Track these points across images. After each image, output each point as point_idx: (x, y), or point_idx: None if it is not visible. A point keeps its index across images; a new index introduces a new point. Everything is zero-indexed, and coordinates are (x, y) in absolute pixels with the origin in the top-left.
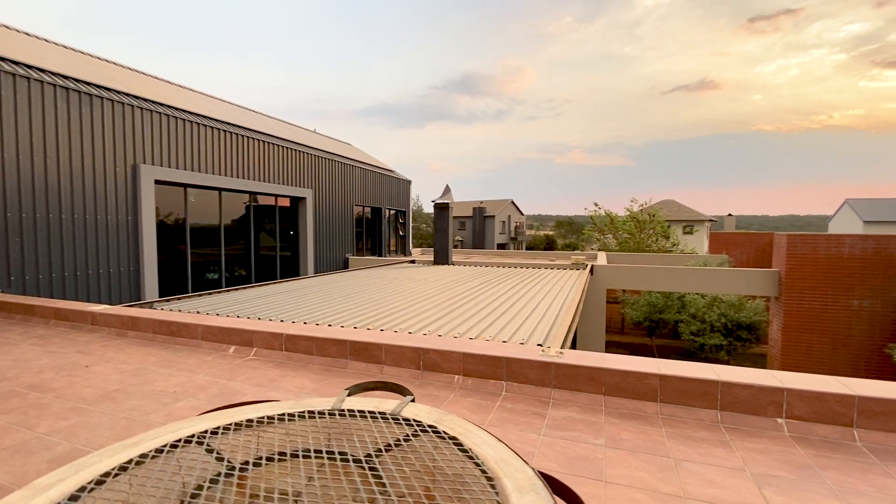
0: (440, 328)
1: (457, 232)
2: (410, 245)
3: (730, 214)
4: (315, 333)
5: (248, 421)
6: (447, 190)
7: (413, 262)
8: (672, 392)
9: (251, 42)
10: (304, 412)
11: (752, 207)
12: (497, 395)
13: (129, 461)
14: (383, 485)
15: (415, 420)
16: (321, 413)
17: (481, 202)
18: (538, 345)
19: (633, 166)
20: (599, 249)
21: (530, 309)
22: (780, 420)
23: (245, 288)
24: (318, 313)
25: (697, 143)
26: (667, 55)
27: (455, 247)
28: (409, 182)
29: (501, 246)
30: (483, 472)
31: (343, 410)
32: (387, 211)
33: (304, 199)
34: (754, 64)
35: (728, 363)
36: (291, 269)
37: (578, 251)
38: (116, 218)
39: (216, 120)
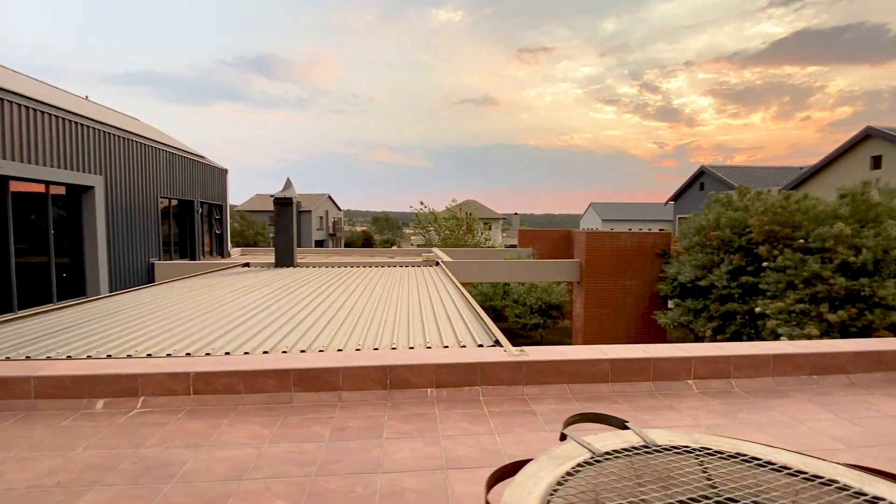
0: (362, 340)
1: (267, 228)
2: (229, 245)
3: (516, 213)
4: (238, 366)
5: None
6: (289, 184)
7: (247, 265)
8: (619, 372)
9: None
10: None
11: (526, 207)
12: (477, 401)
13: None
14: None
15: (694, 448)
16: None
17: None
18: (495, 345)
19: (432, 167)
20: (425, 244)
21: (439, 309)
22: (689, 381)
23: (13, 319)
24: (170, 342)
25: (483, 151)
26: (458, 69)
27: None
28: (226, 171)
29: (319, 243)
30: (841, 488)
31: (652, 448)
32: (200, 205)
33: (93, 188)
34: (522, 88)
35: (542, 337)
36: (74, 283)
37: (423, 247)
38: None
39: None
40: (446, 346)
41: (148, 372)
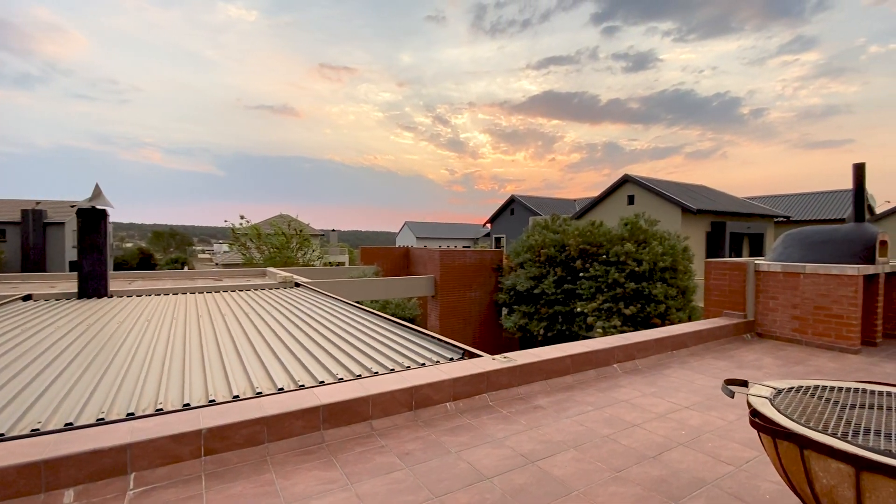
0: (340, 374)
1: None
2: None
3: (334, 230)
4: (260, 412)
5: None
6: (99, 191)
7: (29, 297)
8: (575, 365)
9: None
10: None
11: (341, 223)
12: (489, 406)
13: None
14: None
15: (804, 385)
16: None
17: (38, 202)
18: (469, 356)
19: (223, 176)
20: (245, 263)
21: (379, 330)
22: (615, 365)
23: None
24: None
25: (285, 162)
26: (253, 72)
27: None
28: None
29: (74, 265)
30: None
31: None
32: None
33: None
34: (325, 103)
35: None
36: None
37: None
38: None
39: None
40: (422, 364)
41: (140, 439)
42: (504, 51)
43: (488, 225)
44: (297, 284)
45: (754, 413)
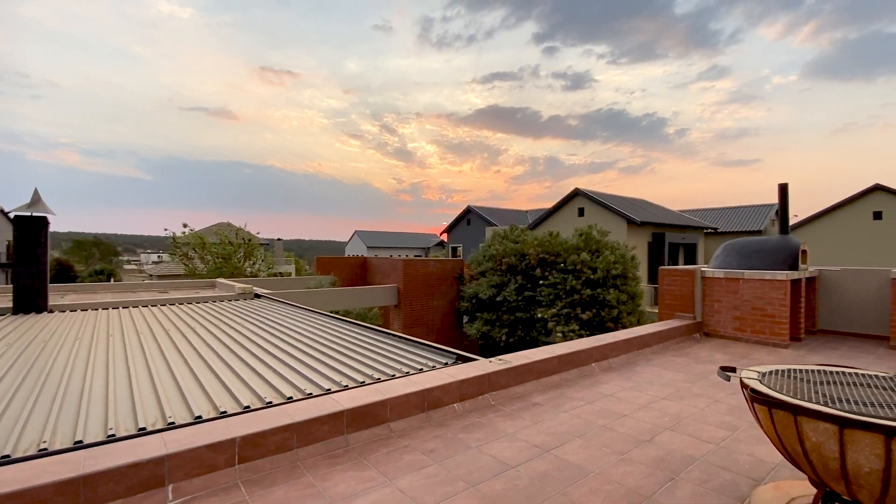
0: (353, 386)
1: None
2: None
3: (279, 238)
4: (289, 419)
5: None
6: (38, 197)
7: None
8: (561, 364)
9: None
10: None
11: (285, 232)
12: (490, 406)
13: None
14: None
15: (787, 370)
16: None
17: None
18: (463, 360)
19: (150, 180)
20: (186, 274)
21: (370, 340)
22: (593, 364)
23: None
24: None
25: (222, 167)
26: (187, 71)
27: None
28: None
29: None
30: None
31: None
32: None
33: None
34: (266, 107)
35: None
36: None
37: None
38: None
39: None
40: (420, 370)
41: (177, 450)
42: (451, 64)
43: (445, 235)
44: (258, 296)
45: (753, 391)
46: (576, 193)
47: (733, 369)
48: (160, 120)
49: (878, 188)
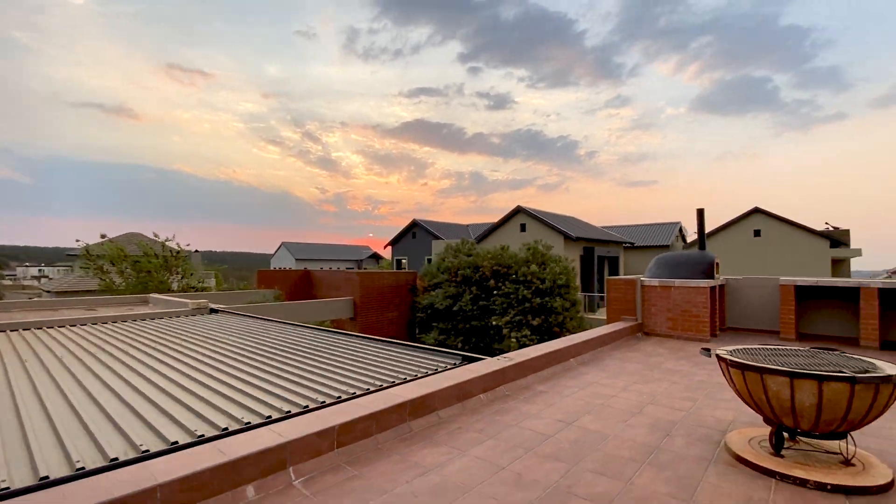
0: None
1: None
2: None
3: (197, 251)
4: (369, 409)
5: None
6: None
7: None
8: (550, 360)
9: None
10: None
11: (202, 243)
12: (506, 395)
13: None
14: None
15: (756, 349)
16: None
17: None
18: (468, 361)
19: (31, 183)
20: (101, 289)
21: (373, 347)
22: (572, 360)
23: None
24: None
25: (120, 171)
26: (79, 63)
27: None
28: None
29: None
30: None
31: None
32: None
33: None
34: (173, 108)
35: None
36: None
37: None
38: None
39: None
40: (436, 370)
41: (295, 437)
42: (377, 76)
43: (389, 247)
44: (214, 310)
45: (731, 361)
46: (518, 210)
47: (708, 350)
48: (44, 115)
49: (757, 210)
